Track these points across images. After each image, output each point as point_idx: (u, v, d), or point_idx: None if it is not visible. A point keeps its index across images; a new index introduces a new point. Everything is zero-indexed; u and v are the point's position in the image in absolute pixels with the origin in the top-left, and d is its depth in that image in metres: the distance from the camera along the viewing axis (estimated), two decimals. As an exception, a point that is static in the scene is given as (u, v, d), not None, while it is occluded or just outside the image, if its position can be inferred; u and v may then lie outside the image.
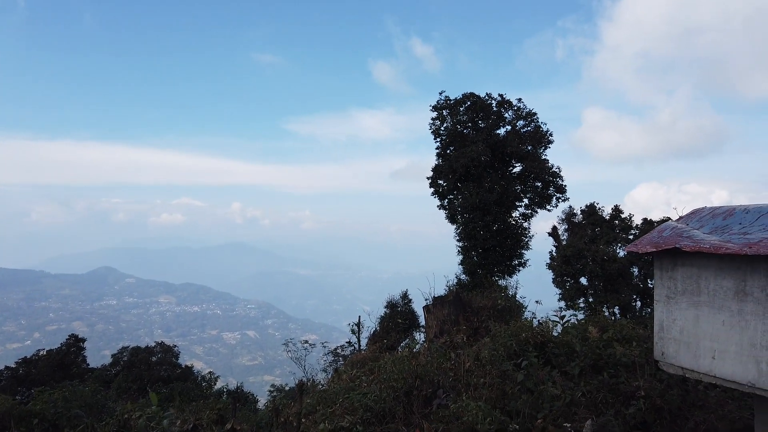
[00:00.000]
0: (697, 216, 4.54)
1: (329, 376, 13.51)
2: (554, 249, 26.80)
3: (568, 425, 4.40)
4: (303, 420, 7.68)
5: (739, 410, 5.30)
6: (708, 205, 4.63)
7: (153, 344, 27.67)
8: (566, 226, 29.07)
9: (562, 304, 25.57)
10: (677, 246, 3.94)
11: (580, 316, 7.28)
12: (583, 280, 25.18)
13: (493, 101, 27.09)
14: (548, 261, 28.39)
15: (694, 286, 3.99)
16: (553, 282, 28.46)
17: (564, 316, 7.12)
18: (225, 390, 22.25)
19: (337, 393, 7.30)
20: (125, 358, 25.59)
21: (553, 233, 28.72)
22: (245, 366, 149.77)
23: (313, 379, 12.21)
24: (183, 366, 26.96)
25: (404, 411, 5.64)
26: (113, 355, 27.13)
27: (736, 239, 3.79)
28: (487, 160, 25.90)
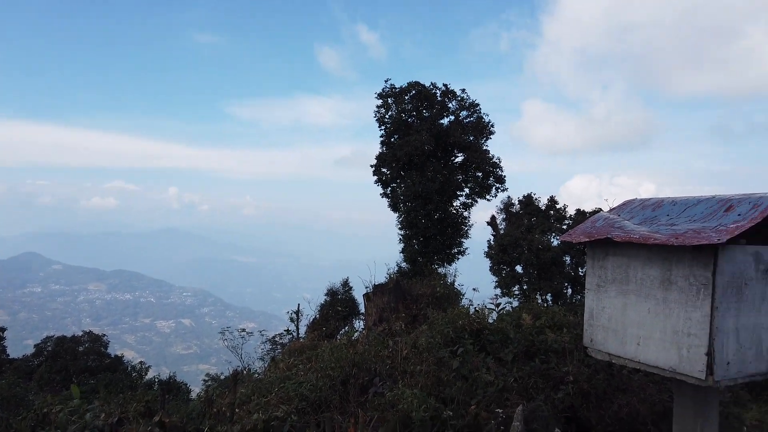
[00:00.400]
0: (628, 207, 4.69)
1: (266, 365, 13.29)
2: (492, 238, 27.41)
3: (500, 411, 4.48)
4: (237, 410, 7.50)
5: (659, 393, 5.56)
6: (637, 197, 4.79)
7: (80, 333, 26.36)
8: (504, 216, 29.74)
9: (498, 291, 26.28)
10: (609, 236, 4.05)
11: (515, 304, 7.43)
12: (519, 269, 25.95)
13: (437, 91, 27.31)
14: (486, 249, 28.96)
15: (624, 275, 4.11)
16: (491, 270, 29.10)
17: (499, 304, 7.27)
18: (156, 380, 21.52)
19: (272, 382, 7.15)
20: (49, 348, 24.27)
21: (492, 222, 29.32)
22: (179, 355, 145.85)
23: (249, 368, 11.96)
24: (112, 356, 25.87)
25: (340, 400, 5.58)
26: (36, 345, 25.69)
27: (663, 230, 3.93)
28: (431, 150, 26.14)
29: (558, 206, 26.36)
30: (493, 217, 29.46)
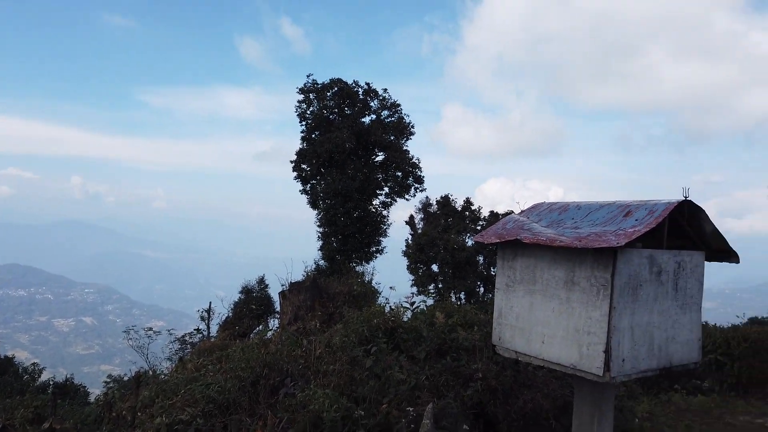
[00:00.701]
0: (537, 210, 4.87)
1: (173, 366, 12.69)
2: (410, 237, 27.79)
3: (411, 409, 4.51)
4: (139, 414, 7.08)
5: (561, 388, 5.83)
6: (545, 201, 4.99)
7: (-37, 333, 23.95)
8: (422, 216, 30.23)
9: (415, 289, 26.71)
10: (518, 237, 4.18)
11: (430, 302, 7.54)
12: (435, 267, 26.52)
13: (360, 89, 27.31)
14: (404, 248, 29.30)
15: (531, 275, 4.26)
16: (408, 269, 29.48)
17: (414, 302, 7.35)
18: (51, 383, 19.98)
19: (178, 384, 6.81)
20: (-75, 350, 21.85)
21: (410, 222, 29.73)
22: (79, 355, 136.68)
23: (154, 369, 11.37)
24: (2, 357, 23.71)
25: (250, 401, 5.40)
26: None
27: (568, 233, 4.10)
28: (352, 148, 26.10)
29: (473, 207, 27.18)
30: (411, 217, 29.88)
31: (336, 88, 26.75)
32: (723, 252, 4.44)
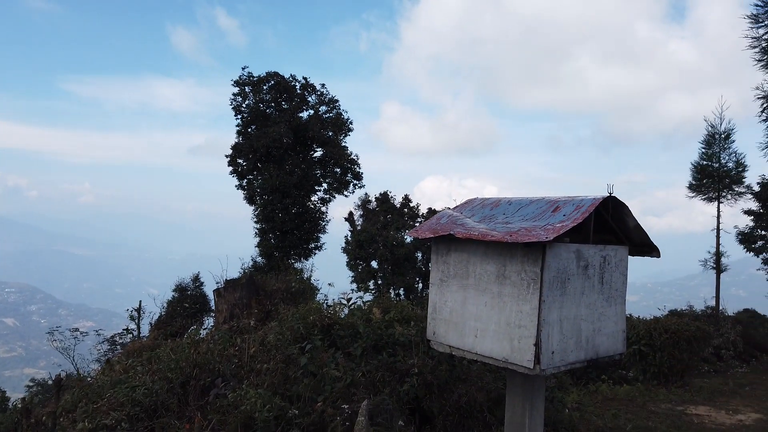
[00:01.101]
0: (470, 206, 4.92)
1: (99, 368, 12.09)
2: (350, 234, 27.73)
3: (346, 406, 4.46)
4: (60, 419, 6.68)
5: (495, 381, 5.95)
6: (478, 196, 5.05)
7: None
8: (361, 212, 30.24)
9: (355, 286, 26.70)
10: (451, 232, 4.20)
11: (367, 298, 7.51)
12: (375, 264, 26.62)
13: (297, 83, 26.94)
14: (343, 245, 29.21)
15: (464, 270, 4.30)
16: (347, 265, 29.42)
17: (350, 298, 7.30)
18: (-36, 389, 18.62)
19: (103, 386, 6.48)
20: None
21: (349, 218, 29.67)
22: (0, 358, 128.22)
23: (79, 372, 10.79)
24: None
25: (179, 403, 5.19)
26: None
27: (500, 228, 4.17)
28: (289, 143, 25.71)
29: (412, 204, 27.43)
30: (350, 213, 29.83)
31: (273, 82, 26.28)
32: (645, 246, 4.64)
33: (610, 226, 4.56)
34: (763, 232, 16.96)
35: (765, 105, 10.42)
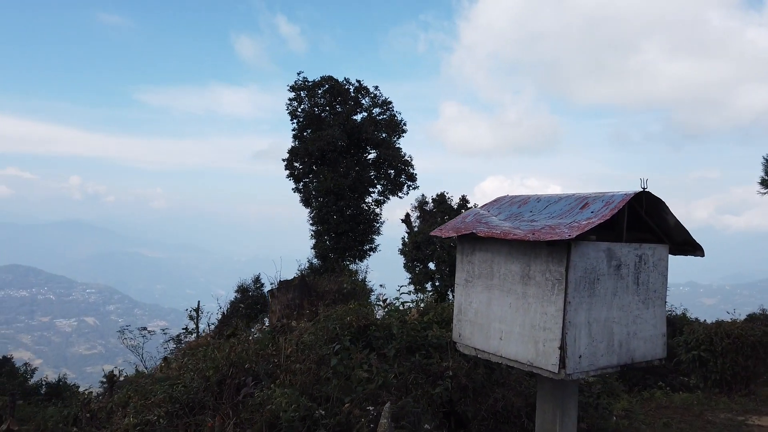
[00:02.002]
0: (498, 204, 4.77)
1: (157, 365, 12.63)
2: (406, 235, 27.71)
3: (371, 408, 4.42)
4: (114, 414, 7.01)
5: (534, 386, 5.73)
6: (508, 194, 4.89)
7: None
8: (418, 214, 30.15)
9: (411, 287, 26.59)
10: (473, 231, 4.08)
11: (408, 298, 7.43)
12: (432, 265, 26.46)
13: (351, 87, 27.22)
14: (400, 247, 29.21)
15: (489, 270, 4.16)
16: (404, 267, 29.41)
17: (386, 299, 7.24)
18: (43, 383, 19.94)
19: (154, 383, 6.74)
20: None
21: (406, 220, 29.67)
22: (82, 355, 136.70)
23: (137, 369, 11.31)
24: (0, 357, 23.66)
25: (215, 401, 5.32)
26: None
27: (524, 226, 4.01)
28: (343, 145, 26.02)
29: (469, 205, 27.10)
30: (407, 215, 29.81)
31: (327, 86, 26.66)
32: (687, 245, 4.34)
33: (649, 224, 4.30)
34: None
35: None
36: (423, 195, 27.99)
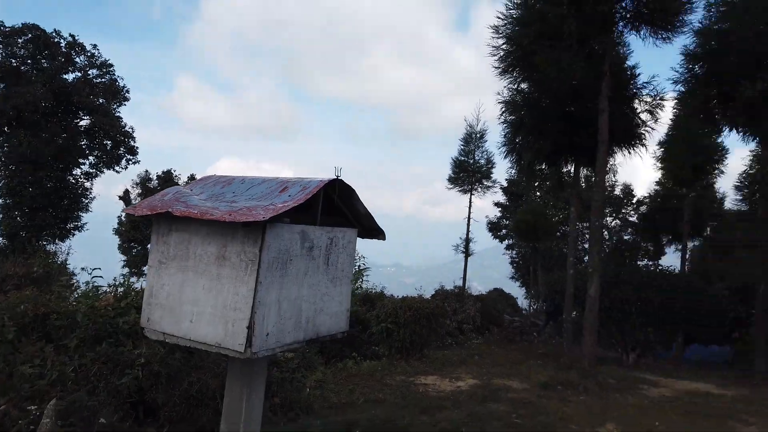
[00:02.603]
0: (203, 182, 4.62)
1: None
2: (124, 214, 25.27)
3: (33, 407, 3.84)
4: None
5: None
6: (216, 173, 4.77)
7: None
8: (140, 191, 27.78)
9: (126, 271, 24.31)
10: (170, 210, 3.86)
11: (103, 282, 6.72)
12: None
13: (62, 40, 23.47)
14: (116, 226, 26.52)
15: (185, 251, 3.99)
16: (119, 248, 26.81)
17: (73, 284, 6.45)
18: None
19: None
20: None
21: (125, 197, 27.03)
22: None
23: None
24: None
25: None
26: None
27: (223, 206, 3.95)
28: (49, 107, 22.35)
29: (196, 185, 25.99)
30: (126, 192, 27.19)
31: (30, 35, 22.52)
32: (374, 230, 4.86)
33: (342, 209, 4.66)
34: (506, 222, 19.60)
35: (503, 109, 11.94)
36: (147, 171, 25.84)
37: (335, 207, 4.62)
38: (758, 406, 7.86)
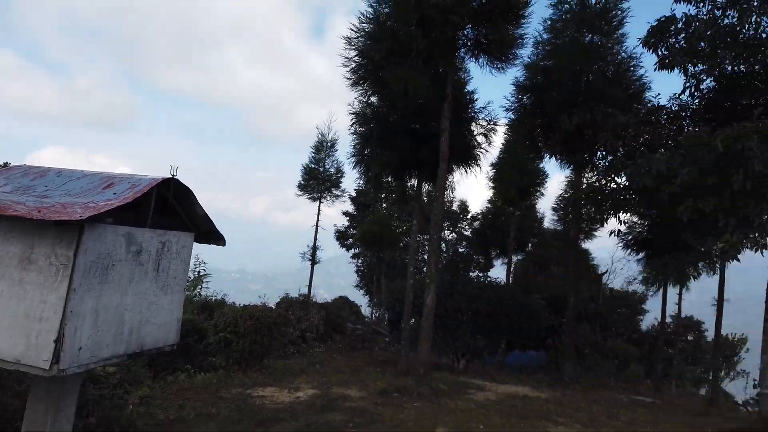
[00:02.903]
0: (9, 173, 4.01)
1: None
2: None
3: None
4: None
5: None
6: (25, 163, 4.17)
7: None
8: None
9: None
10: (-42, 202, 3.27)
11: None
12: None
13: None
14: None
15: (-22, 251, 3.41)
16: None
17: None
18: None
19: None
20: None
21: None
22: None
23: None
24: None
25: None
26: None
27: (32, 201, 3.45)
28: None
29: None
30: None
31: None
32: (212, 234, 4.59)
33: (177, 211, 4.34)
34: (353, 231, 19.91)
35: (354, 120, 12.16)
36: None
37: (169, 208, 4.28)
38: (566, 408, 8.86)
